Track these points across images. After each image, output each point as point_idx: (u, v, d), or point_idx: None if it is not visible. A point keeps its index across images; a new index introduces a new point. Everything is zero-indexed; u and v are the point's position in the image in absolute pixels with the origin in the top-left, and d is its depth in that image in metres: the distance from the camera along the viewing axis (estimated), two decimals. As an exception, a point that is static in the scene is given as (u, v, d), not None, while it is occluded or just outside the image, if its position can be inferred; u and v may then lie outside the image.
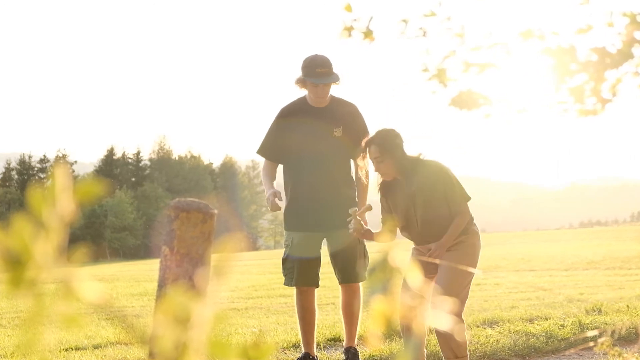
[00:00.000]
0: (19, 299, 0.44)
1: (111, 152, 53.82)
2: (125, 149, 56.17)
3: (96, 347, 3.99)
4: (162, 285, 0.81)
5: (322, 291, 7.05)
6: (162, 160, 54.85)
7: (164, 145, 56.27)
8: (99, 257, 41.09)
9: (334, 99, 3.09)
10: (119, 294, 8.79)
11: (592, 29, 0.92)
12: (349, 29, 0.95)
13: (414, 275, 0.57)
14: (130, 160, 54.66)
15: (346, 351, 3.11)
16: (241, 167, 60.55)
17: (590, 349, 3.24)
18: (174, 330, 0.45)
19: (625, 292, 5.96)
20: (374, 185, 2.83)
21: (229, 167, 58.39)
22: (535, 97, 0.95)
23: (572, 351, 3.46)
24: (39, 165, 50.28)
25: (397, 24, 0.93)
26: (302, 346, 3.15)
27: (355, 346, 3.11)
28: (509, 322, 4.07)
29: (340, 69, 3.08)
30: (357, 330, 3.11)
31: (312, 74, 2.97)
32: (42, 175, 49.40)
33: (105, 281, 11.59)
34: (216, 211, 0.85)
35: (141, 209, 48.36)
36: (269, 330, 4.43)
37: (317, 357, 3.14)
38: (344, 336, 3.14)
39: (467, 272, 2.62)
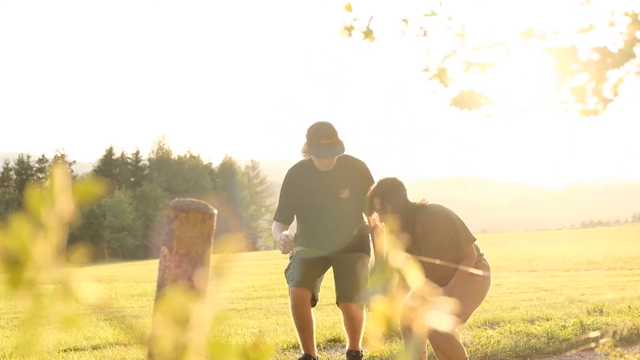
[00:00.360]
0: (18, 300, 0.43)
1: (110, 152, 53.81)
2: (124, 148, 56.12)
3: (95, 347, 3.98)
4: (161, 285, 0.81)
5: (322, 292, 7.04)
6: (161, 160, 54.85)
7: (163, 145, 56.28)
8: (97, 257, 41.09)
9: (339, 159, 3.11)
10: (118, 294, 8.78)
11: (593, 28, 0.91)
12: (349, 29, 0.95)
13: (414, 275, 0.57)
14: (129, 160, 54.66)
15: (348, 354, 3.10)
16: (241, 167, 60.55)
17: (591, 349, 3.24)
18: (173, 331, 0.45)
19: (627, 293, 5.96)
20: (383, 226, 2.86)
21: (228, 167, 58.39)
22: (536, 96, 0.95)
23: (573, 352, 3.46)
24: (37, 165, 50.25)
25: (398, 23, 0.93)
26: (302, 348, 3.15)
27: (358, 349, 3.09)
28: (510, 322, 4.07)
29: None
30: (361, 338, 3.09)
31: (316, 146, 2.99)
32: (40, 175, 49.36)
33: (104, 282, 11.58)
34: (215, 211, 0.85)
35: (140, 209, 48.35)
36: (268, 331, 4.43)
37: (317, 358, 3.13)
38: (347, 340, 3.13)
39: (474, 297, 2.62)
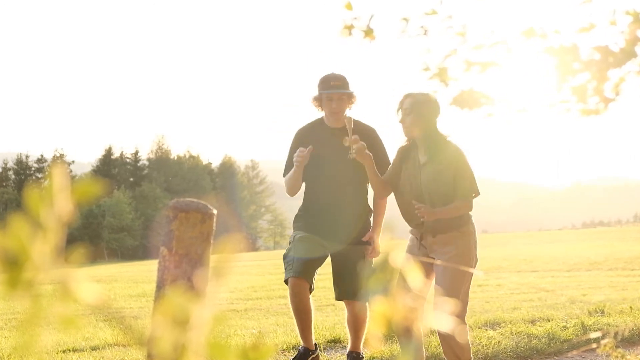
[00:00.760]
0: (16, 300, 0.43)
1: (109, 152, 53.80)
2: (123, 148, 56.18)
3: (94, 348, 3.98)
4: (160, 286, 0.81)
5: (322, 292, 7.05)
6: (161, 160, 54.84)
7: (163, 145, 56.28)
8: (96, 257, 41.06)
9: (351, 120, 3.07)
10: (117, 295, 8.77)
11: (594, 27, 0.91)
12: (350, 28, 0.94)
13: (414, 276, 0.57)
14: (128, 160, 54.65)
15: (348, 355, 3.07)
16: (240, 167, 60.56)
17: (593, 350, 3.24)
18: (172, 331, 0.45)
19: (628, 293, 5.95)
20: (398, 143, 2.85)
21: (228, 167, 58.39)
22: (537, 96, 0.95)
23: (574, 353, 3.45)
24: (36, 165, 50.24)
25: (398, 22, 0.93)
26: (300, 339, 3.13)
27: (359, 351, 3.06)
28: (510, 323, 4.06)
29: (343, 71, 3.12)
30: (363, 338, 3.06)
31: (326, 87, 3.01)
32: (39, 175, 49.34)
33: (103, 282, 11.58)
34: (215, 211, 0.84)
35: (139, 209, 48.34)
36: (268, 331, 4.42)
37: (316, 347, 3.11)
38: (349, 341, 3.10)
39: (464, 276, 2.62)
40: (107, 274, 15.02)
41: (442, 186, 2.65)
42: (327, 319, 4.94)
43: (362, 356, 3.10)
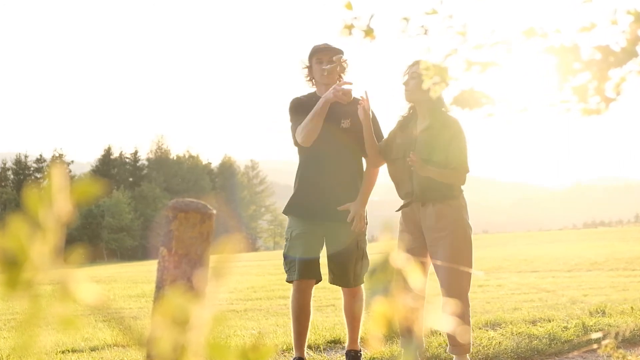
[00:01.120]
0: (15, 301, 0.43)
1: (108, 152, 53.78)
2: (122, 148, 56.12)
3: (93, 349, 3.97)
4: (160, 286, 0.80)
5: (322, 292, 7.04)
6: (160, 160, 54.83)
7: (162, 144, 56.26)
8: (96, 258, 41.03)
9: None
10: (116, 295, 8.76)
11: (595, 27, 0.91)
12: (350, 27, 0.94)
13: (414, 276, 0.56)
14: (127, 160, 54.63)
15: (347, 354, 3.08)
16: (240, 167, 60.55)
17: (594, 351, 3.24)
18: (172, 332, 0.45)
19: (629, 294, 5.94)
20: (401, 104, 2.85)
21: (227, 167, 58.38)
22: (538, 96, 0.94)
23: (575, 353, 3.45)
24: (35, 165, 50.20)
25: (398, 22, 0.93)
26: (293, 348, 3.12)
27: (357, 349, 3.06)
28: (511, 324, 4.06)
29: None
30: (360, 331, 3.07)
31: (315, 51, 2.97)
32: (38, 175, 49.32)
33: (102, 282, 11.57)
34: (215, 211, 0.84)
35: (139, 210, 48.32)
36: (268, 332, 4.42)
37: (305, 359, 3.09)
38: (346, 338, 3.10)
39: (464, 259, 2.64)
40: (106, 274, 15.01)
41: (435, 153, 2.66)
42: (327, 319, 4.93)
43: (361, 354, 3.09)
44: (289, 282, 3.03)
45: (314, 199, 2.98)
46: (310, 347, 3.62)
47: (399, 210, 2.85)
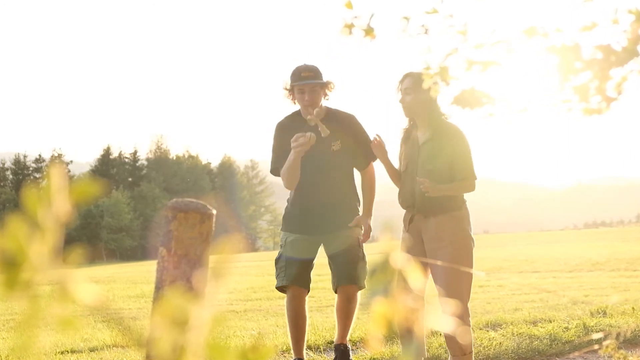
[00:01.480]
0: (14, 301, 0.43)
1: (108, 152, 53.78)
2: (122, 148, 56.07)
3: (92, 350, 3.97)
4: (159, 287, 0.80)
5: (322, 293, 7.02)
6: (160, 160, 54.83)
7: (162, 144, 56.27)
8: (95, 258, 41.01)
9: (329, 110, 3.03)
10: (115, 295, 8.76)
11: (596, 26, 0.91)
12: (350, 27, 0.94)
13: (415, 277, 0.56)
14: (127, 159, 54.63)
15: (336, 348, 3.04)
16: (240, 167, 60.56)
17: (595, 351, 3.24)
18: (171, 332, 0.45)
19: (630, 294, 5.94)
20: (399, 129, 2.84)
21: (227, 167, 58.40)
22: (539, 95, 0.94)
23: (576, 354, 3.44)
24: (34, 165, 50.19)
25: (399, 21, 0.93)
26: (292, 351, 3.11)
27: (346, 343, 3.03)
28: (512, 324, 4.06)
29: (338, 72, 3.05)
30: (351, 328, 3.04)
31: (297, 78, 2.93)
32: (37, 175, 49.33)
33: (101, 283, 11.57)
34: (214, 212, 0.84)
35: (138, 210, 48.32)
36: (268, 332, 4.42)
37: None
38: (336, 334, 3.06)
39: (466, 260, 2.63)
40: (105, 274, 15.01)
41: (439, 164, 2.65)
42: (327, 319, 4.93)
43: (349, 348, 3.07)
44: (279, 288, 3.02)
45: (310, 215, 3.01)
46: (309, 347, 3.62)
47: (405, 226, 2.80)
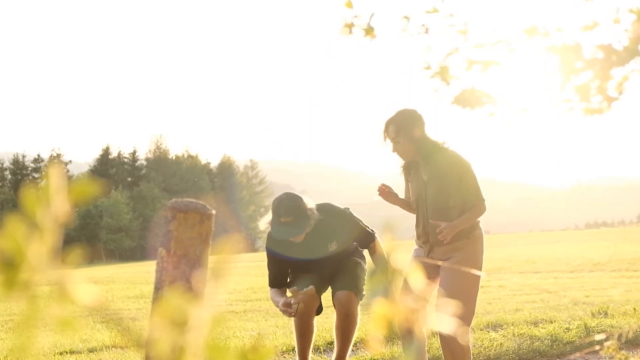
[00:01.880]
0: (13, 302, 0.43)
1: (107, 152, 53.72)
2: (121, 148, 55.98)
3: (91, 350, 3.96)
4: (158, 287, 0.80)
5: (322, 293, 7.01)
6: (159, 159, 54.79)
7: (161, 144, 56.22)
8: (94, 258, 40.97)
9: (321, 214, 2.88)
10: (114, 296, 8.75)
11: (598, 25, 0.91)
12: (350, 26, 0.94)
13: (416, 277, 0.56)
14: (126, 159, 54.59)
15: None
16: (239, 167, 60.52)
17: (596, 352, 3.23)
18: (171, 333, 0.44)
19: (632, 295, 5.93)
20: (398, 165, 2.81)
21: (227, 167, 58.36)
22: (540, 95, 0.94)
23: (577, 355, 3.44)
24: (32, 165, 50.12)
25: (399, 20, 0.92)
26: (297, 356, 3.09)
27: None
28: (513, 325, 4.06)
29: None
30: (349, 350, 2.97)
31: (275, 222, 2.76)
32: (36, 175, 49.27)
33: (100, 283, 11.56)
34: (214, 212, 0.84)
35: (137, 210, 48.28)
36: (267, 333, 4.41)
37: None
38: (335, 348, 2.98)
39: (473, 279, 2.60)
40: (104, 275, 14.99)
41: (448, 199, 2.61)
42: (327, 320, 4.92)
43: None
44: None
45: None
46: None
47: (425, 255, 2.74)
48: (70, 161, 52.00)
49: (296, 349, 3.02)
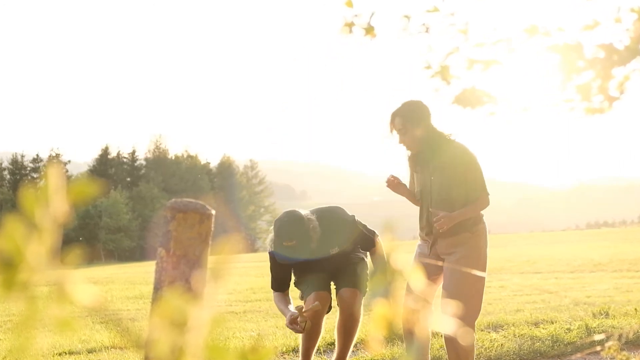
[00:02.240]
0: (12, 302, 0.42)
1: (106, 152, 53.71)
2: (120, 148, 56.00)
3: (90, 351, 3.96)
4: (158, 287, 0.80)
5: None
6: (158, 159, 54.78)
7: (160, 144, 56.20)
8: (93, 259, 40.94)
9: (322, 223, 2.89)
10: (113, 296, 8.74)
11: (599, 25, 0.91)
12: (350, 25, 0.94)
13: (417, 278, 0.56)
14: (125, 159, 54.57)
15: None
16: (239, 167, 60.51)
17: (597, 353, 3.23)
18: (170, 334, 0.44)
19: (633, 295, 5.93)
20: (405, 156, 2.80)
21: (226, 167, 58.35)
22: (540, 95, 0.94)
23: (578, 355, 3.43)
24: (31, 164, 50.09)
25: (399, 20, 0.92)
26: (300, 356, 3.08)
27: None
28: (513, 325, 4.05)
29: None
30: (350, 351, 2.96)
31: (278, 246, 2.81)
32: (34, 175, 49.24)
33: (99, 284, 11.55)
34: (213, 212, 0.84)
35: (137, 210, 48.28)
36: (267, 334, 4.41)
37: None
38: (335, 348, 2.97)
39: (476, 278, 2.58)
40: (103, 275, 14.99)
41: (455, 194, 2.61)
42: (327, 321, 4.92)
43: None
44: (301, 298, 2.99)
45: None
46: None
47: (428, 248, 2.74)
48: (69, 161, 51.97)
49: (300, 349, 3.01)
